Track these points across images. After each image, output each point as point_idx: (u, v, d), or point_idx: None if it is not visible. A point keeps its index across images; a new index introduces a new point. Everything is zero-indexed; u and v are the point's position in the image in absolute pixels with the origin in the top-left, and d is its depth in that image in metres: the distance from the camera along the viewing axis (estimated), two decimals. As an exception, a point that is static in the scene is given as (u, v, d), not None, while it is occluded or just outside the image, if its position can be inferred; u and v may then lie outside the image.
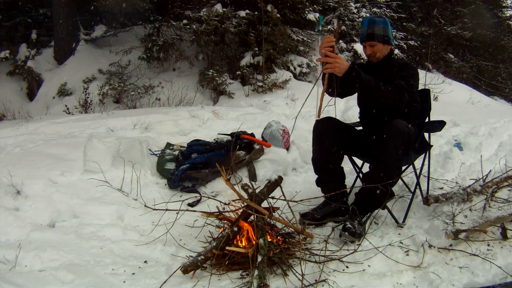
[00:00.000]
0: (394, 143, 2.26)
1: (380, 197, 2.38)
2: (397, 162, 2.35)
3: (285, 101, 6.73)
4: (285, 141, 4.06)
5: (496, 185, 2.61)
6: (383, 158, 2.30)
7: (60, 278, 1.94)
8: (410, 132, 2.35)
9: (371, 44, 2.57)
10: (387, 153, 2.28)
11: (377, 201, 2.42)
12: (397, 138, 2.27)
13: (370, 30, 2.55)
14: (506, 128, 4.66)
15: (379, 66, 2.63)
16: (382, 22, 2.56)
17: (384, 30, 2.55)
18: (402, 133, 2.28)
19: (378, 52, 2.58)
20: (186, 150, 3.56)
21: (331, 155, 2.57)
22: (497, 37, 14.59)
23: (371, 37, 2.55)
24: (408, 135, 2.31)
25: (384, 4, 11.22)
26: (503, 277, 1.78)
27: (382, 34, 2.54)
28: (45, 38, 9.13)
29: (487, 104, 8.78)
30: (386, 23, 2.58)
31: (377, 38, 2.55)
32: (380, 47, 2.57)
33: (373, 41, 2.55)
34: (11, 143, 3.83)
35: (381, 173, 2.30)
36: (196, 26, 7.36)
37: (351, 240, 2.23)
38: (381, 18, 2.60)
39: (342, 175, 2.67)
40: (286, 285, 1.87)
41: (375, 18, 2.59)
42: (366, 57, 2.69)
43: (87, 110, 6.77)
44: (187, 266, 1.92)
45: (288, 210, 2.21)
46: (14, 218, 2.46)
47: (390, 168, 2.32)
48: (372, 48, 2.58)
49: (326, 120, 2.61)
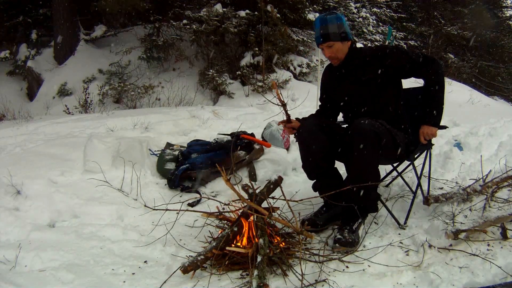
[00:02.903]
0: (359, 147, 2.11)
1: (363, 202, 2.26)
2: (368, 165, 2.18)
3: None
4: (285, 141, 4.06)
5: (496, 185, 2.60)
6: (352, 164, 2.18)
7: (60, 278, 1.94)
8: (379, 129, 2.15)
9: (328, 45, 2.37)
10: (356, 158, 2.14)
11: (362, 208, 2.29)
12: (362, 140, 2.11)
13: (323, 30, 2.35)
14: (506, 128, 4.66)
15: (346, 65, 2.45)
16: (334, 18, 2.35)
17: (339, 27, 2.34)
18: (367, 132, 2.11)
19: (338, 52, 2.39)
20: (186, 150, 3.56)
21: (321, 160, 2.40)
22: (497, 37, 14.59)
23: (327, 38, 2.35)
24: (375, 134, 2.12)
25: (384, 4, 11.23)
26: (503, 277, 1.77)
27: (338, 31, 2.34)
28: (45, 38, 9.14)
29: (487, 104, 8.78)
30: (339, 18, 2.37)
31: (333, 37, 2.34)
32: (339, 46, 2.37)
33: (330, 41, 2.35)
34: (11, 143, 3.84)
35: (356, 178, 2.16)
36: (196, 26, 7.37)
37: (344, 251, 2.13)
38: (332, 14, 2.39)
39: (337, 176, 2.52)
40: (286, 285, 1.87)
41: (326, 16, 2.37)
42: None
43: (87, 110, 6.77)
44: (187, 266, 1.92)
45: (288, 210, 2.20)
46: (14, 218, 2.46)
47: (364, 172, 2.17)
48: (330, 49, 2.39)
49: (309, 123, 2.44)
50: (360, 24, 9.47)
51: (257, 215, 2.08)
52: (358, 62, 2.43)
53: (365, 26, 9.57)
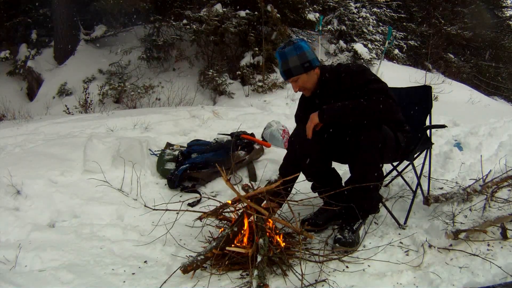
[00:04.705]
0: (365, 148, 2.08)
1: (365, 203, 2.26)
2: (373, 167, 2.15)
3: (285, 101, 6.73)
4: (285, 141, 4.06)
5: (496, 185, 2.61)
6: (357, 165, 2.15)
7: (60, 278, 1.94)
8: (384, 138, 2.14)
9: (293, 80, 2.28)
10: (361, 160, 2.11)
11: (364, 208, 2.28)
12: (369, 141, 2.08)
13: (284, 66, 2.24)
14: (506, 128, 4.66)
15: (318, 95, 2.36)
16: (293, 50, 2.22)
17: (299, 58, 2.22)
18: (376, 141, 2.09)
19: (306, 83, 2.30)
20: (186, 150, 3.56)
21: (317, 161, 2.37)
22: (497, 37, 14.60)
23: (289, 74, 2.25)
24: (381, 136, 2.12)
25: (384, 4, 11.23)
26: (503, 277, 1.78)
27: (299, 64, 2.22)
28: (45, 38, 9.15)
29: (487, 104, 8.79)
30: (298, 47, 2.23)
31: (295, 71, 2.24)
32: (304, 78, 2.27)
33: (293, 76, 2.26)
34: (11, 143, 3.84)
35: (360, 179, 2.13)
36: (196, 26, 7.37)
37: (344, 251, 2.13)
38: (290, 44, 2.25)
39: (336, 176, 2.53)
40: (286, 285, 1.87)
41: (284, 50, 2.24)
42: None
43: (87, 110, 6.78)
44: (187, 266, 1.92)
45: (288, 210, 2.21)
46: (14, 218, 2.46)
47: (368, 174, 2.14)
48: (297, 83, 2.29)
49: (299, 128, 2.37)
50: (360, 24, 9.46)
51: (257, 215, 2.08)
52: (330, 89, 2.32)
53: (365, 26, 9.56)
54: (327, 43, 9.52)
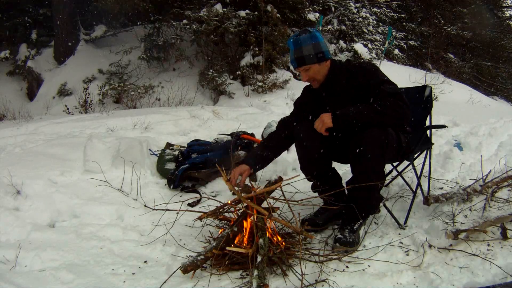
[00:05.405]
0: (372, 154, 2.07)
1: (366, 203, 2.25)
2: (376, 168, 2.14)
3: (285, 101, 6.73)
4: (285, 141, 4.05)
5: (496, 185, 2.61)
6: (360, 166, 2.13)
7: (60, 278, 1.94)
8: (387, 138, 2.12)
9: (304, 69, 2.23)
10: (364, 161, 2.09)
11: (365, 209, 2.27)
12: (375, 147, 2.07)
13: (297, 53, 2.19)
14: (506, 128, 4.66)
15: (326, 88, 2.31)
16: (309, 38, 2.18)
17: (314, 47, 2.18)
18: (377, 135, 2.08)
19: (316, 74, 2.25)
20: (186, 150, 3.56)
21: (318, 160, 2.34)
22: (497, 37, 14.61)
23: (302, 62, 2.20)
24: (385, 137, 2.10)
25: (384, 4, 11.24)
26: (503, 277, 1.78)
27: (313, 52, 2.17)
28: (45, 38, 9.16)
29: (487, 104, 8.80)
30: (314, 37, 2.19)
31: (308, 60, 2.18)
32: (316, 68, 2.22)
33: (305, 65, 2.21)
34: (11, 143, 3.84)
35: (362, 179, 2.12)
36: (196, 26, 7.37)
37: (344, 250, 2.12)
38: (306, 32, 2.21)
39: (336, 176, 2.51)
40: (286, 285, 1.87)
41: (299, 37, 2.20)
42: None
43: (87, 110, 6.78)
44: (187, 266, 1.92)
45: (288, 210, 2.20)
46: (14, 218, 2.46)
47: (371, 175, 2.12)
48: (307, 72, 2.24)
49: (305, 124, 2.35)
50: (360, 24, 9.47)
51: (257, 215, 2.08)
52: (339, 84, 2.28)
53: (365, 26, 9.57)
54: (327, 43, 9.54)
